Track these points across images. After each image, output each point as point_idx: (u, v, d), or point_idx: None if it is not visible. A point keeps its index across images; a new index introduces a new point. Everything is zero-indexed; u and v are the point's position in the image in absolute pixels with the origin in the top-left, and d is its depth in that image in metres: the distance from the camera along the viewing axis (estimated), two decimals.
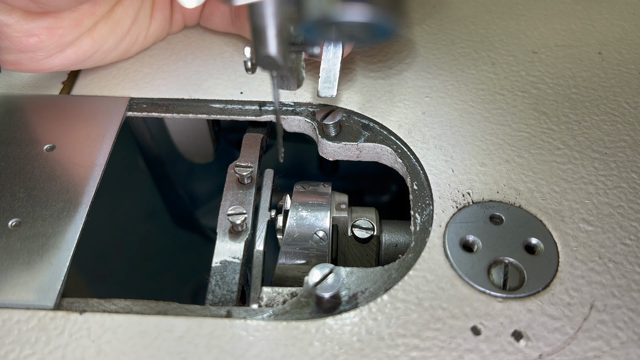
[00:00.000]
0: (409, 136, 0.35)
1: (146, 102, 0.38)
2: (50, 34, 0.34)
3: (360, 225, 0.35)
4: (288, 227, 0.34)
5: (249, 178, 0.35)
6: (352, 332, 0.27)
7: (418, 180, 0.34)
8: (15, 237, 0.30)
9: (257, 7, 0.22)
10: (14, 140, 0.35)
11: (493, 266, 0.29)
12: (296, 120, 0.38)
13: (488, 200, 0.32)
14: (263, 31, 0.23)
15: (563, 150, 0.35)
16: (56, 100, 0.38)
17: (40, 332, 0.27)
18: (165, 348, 0.27)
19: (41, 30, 0.34)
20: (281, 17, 0.22)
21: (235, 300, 0.30)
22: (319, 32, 0.20)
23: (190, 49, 0.41)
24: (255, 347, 0.27)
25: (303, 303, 0.29)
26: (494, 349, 0.27)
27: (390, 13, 0.19)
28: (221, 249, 0.32)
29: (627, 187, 0.33)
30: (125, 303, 0.29)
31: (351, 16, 0.18)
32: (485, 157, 0.34)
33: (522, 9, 0.45)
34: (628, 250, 0.30)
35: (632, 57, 0.41)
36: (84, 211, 0.32)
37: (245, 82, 0.39)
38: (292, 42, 0.25)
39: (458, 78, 0.39)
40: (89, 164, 0.34)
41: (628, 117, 0.37)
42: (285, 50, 0.24)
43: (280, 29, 0.23)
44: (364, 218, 0.35)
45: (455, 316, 0.28)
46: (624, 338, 0.27)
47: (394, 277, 0.29)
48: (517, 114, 0.37)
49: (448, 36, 0.42)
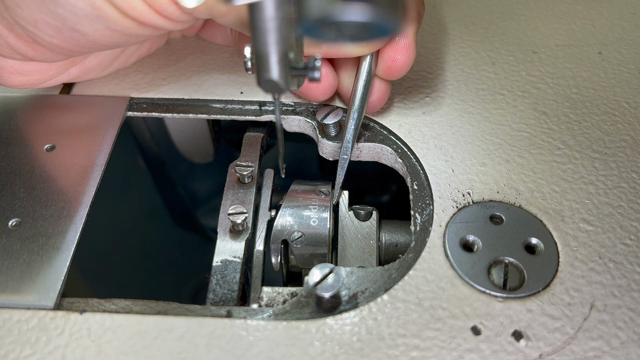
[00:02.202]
0: (409, 136, 0.35)
1: (146, 102, 0.38)
2: (41, 73, 0.34)
3: (358, 207, 0.35)
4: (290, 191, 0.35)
5: (250, 177, 0.35)
6: (352, 332, 0.27)
7: (418, 180, 0.34)
8: (15, 237, 0.30)
9: (261, 34, 0.22)
10: (14, 140, 0.35)
11: (493, 266, 0.29)
12: (296, 120, 0.38)
13: (488, 200, 0.32)
14: (266, 57, 0.23)
15: (563, 150, 0.35)
16: (56, 100, 0.38)
17: (40, 332, 0.27)
18: (165, 348, 0.27)
19: (32, 72, 0.34)
20: (284, 44, 0.22)
21: (236, 300, 0.30)
22: (319, 32, 0.20)
23: (190, 49, 0.41)
24: (255, 347, 0.27)
25: (303, 303, 0.29)
26: (494, 349, 0.27)
27: (390, 12, 0.19)
28: (222, 248, 0.32)
29: (628, 187, 0.33)
30: (125, 303, 0.29)
31: (351, 16, 0.18)
32: (486, 157, 0.34)
33: (522, 9, 0.45)
34: (628, 250, 0.30)
35: (632, 57, 0.41)
36: (84, 211, 0.32)
37: (245, 82, 0.39)
38: (294, 66, 0.25)
39: (458, 78, 0.39)
40: (89, 163, 0.34)
41: (628, 117, 0.37)
42: (287, 75, 0.24)
43: (282, 55, 0.23)
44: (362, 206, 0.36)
45: (455, 316, 0.28)
46: (624, 338, 0.27)
47: (394, 277, 0.29)
48: (517, 113, 0.37)
49: (448, 36, 0.42)
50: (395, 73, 0.32)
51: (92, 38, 0.30)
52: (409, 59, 0.32)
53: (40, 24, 0.29)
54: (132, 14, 0.28)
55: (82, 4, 0.28)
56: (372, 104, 0.35)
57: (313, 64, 0.25)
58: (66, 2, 0.27)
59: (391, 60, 0.32)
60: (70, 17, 0.28)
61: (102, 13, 0.28)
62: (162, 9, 0.28)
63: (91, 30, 0.29)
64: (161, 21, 0.29)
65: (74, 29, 0.29)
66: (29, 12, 0.28)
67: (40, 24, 0.29)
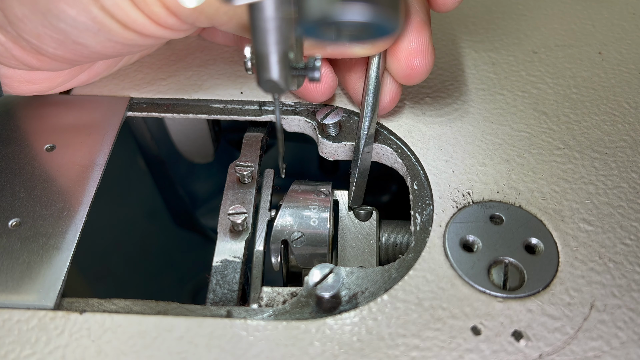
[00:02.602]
0: (409, 136, 0.35)
1: (146, 102, 0.38)
2: (50, 81, 0.35)
3: (358, 207, 0.35)
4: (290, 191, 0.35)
5: (250, 177, 0.35)
6: (352, 332, 0.27)
7: (418, 180, 0.34)
8: (15, 237, 0.30)
9: (261, 34, 0.22)
10: (14, 140, 0.35)
11: (493, 266, 0.29)
12: (296, 120, 0.38)
13: (488, 200, 0.32)
14: (266, 57, 0.23)
15: (563, 150, 0.35)
16: (56, 99, 0.38)
17: (40, 332, 0.27)
18: (165, 348, 0.27)
19: (40, 80, 0.34)
20: (284, 44, 0.22)
21: (236, 299, 0.30)
22: (319, 32, 0.20)
23: (191, 49, 0.41)
24: (255, 347, 0.27)
25: (303, 303, 0.29)
26: (494, 349, 0.27)
27: (390, 12, 0.19)
28: (222, 248, 0.32)
29: (627, 187, 0.33)
30: (125, 303, 0.29)
31: (352, 16, 0.18)
32: (486, 157, 0.34)
33: (522, 9, 0.45)
34: (628, 250, 0.30)
35: (632, 57, 0.41)
36: (84, 211, 0.32)
37: (245, 82, 0.39)
38: (294, 66, 0.25)
39: (458, 78, 0.39)
40: (89, 163, 0.34)
41: (628, 117, 0.37)
42: (287, 75, 0.24)
43: (282, 55, 0.23)
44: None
45: (455, 316, 0.28)
46: (624, 338, 0.27)
47: (394, 277, 0.29)
48: (517, 113, 0.37)
49: (448, 36, 0.42)
50: (415, 78, 0.32)
51: (95, 49, 0.30)
52: (428, 63, 0.31)
53: (44, 37, 0.29)
54: (133, 27, 0.29)
55: (83, 18, 0.28)
56: (384, 107, 0.34)
57: (313, 64, 0.25)
58: (67, 16, 0.28)
59: (409, 67, 0.31)
60: (72, 31, 0.29)
61: (104, 27, 0.28)
62: (162, 21, 0.28)
63: (93, 43, 0.30)
64: (162, 32, 0.29)
65: (76, 41, 0.29)
66: (32, 26, 0.29)
67: (44, 37, 0.29)
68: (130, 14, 0.28)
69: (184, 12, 0.28)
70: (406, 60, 0.31)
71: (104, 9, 0.27)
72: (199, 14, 0.28)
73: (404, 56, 0.31)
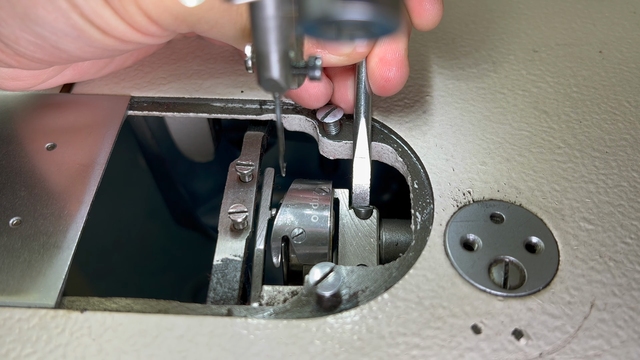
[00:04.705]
0: (409, 135, 0.35)
1: (147, 101, 0.38)
2: (34, 78, 0.34)
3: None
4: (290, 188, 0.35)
5: (250, 176, 0.35)
6: (353, 331, 0.27)
7: (418, 179, 0.34)
8: (16, 236, 0.30)
9: (261, 33, 0.22)
10: (15, 138, 0.35)
11: (493, 265, 0.29)
12: (297, 118, 0.38)
13: (489, 199, 0.32)
14: (266, 56, 0.23)
15: (564, 149, 0.35)
16: (57, 98, 0.38)
17: (41, 331, 0.27)
18: (166, 347, 0.27)
19: (25, 77, 0.34)
20: (284, 43, 0.22)
21: (236, 298, 0.30)
22: (319, 31, 0.20)
23: (191, 47, 0.41)
24: (256, 345, 0.27)
25: (304, 301, 0.29)
26: (495, 348, 0.27)
27: (391, 11, 0.19)
28: (222, 246, 0.32)
29: (628, 185, 0.33)
30: (126, 301, 0.29)
31: (353, 15, 0.18)
32: (486, 156, 0.34)
33: (522, 8, 0.45)
34: (628, 249, 0.30)
35: (632, 55, 0.41)
36: (85, 210, 0.32)
37: (245, 81, 0.39)
38: (294, 65, 0.25)
39: (459, 77, 0.39)
40: (90, 162, 0.34)
41: (629, 116, 0.37)
42: (288, 74, 0.24)
43: (283, 54, 0.23)
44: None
45: (455, 315, 0.28)
46: (625, 337, 0.27)
47: (394, 275, 0.29)
48: (518, 112, 0.37)
49: (448, 35, 0.42)
50: (389, 90, 0.32)
51: (74, 54, 0.30)
52: (402, 76, 0.31)
53: (21, 41, 0.29)
54: (113, 34, 0.28)
55: (62, 24, 0.27)
56: (383, 88, 0.33)
57: (313, 63, 0.25)
58: (46, 22, 0.27)
59: (384, 79, 0.31)
60: (51, 36, 0.28)
61: (83, 33, 0.28)
62: (143, 29, 0.28)
63: (73, 48, 0.29)
64: (143, 38, 0.29)
65: (55, 46, 0.29)
66: (9, 30, 0.28)
67: (21, 41, 0.29)
68: (110, 21, 0.27)
69: (165, 21, 0.28)
70: (380, 72, 0.31)
71: (84, 15, 0.27)
72: (180, 22, 0.28)
73: (379, 68, 0.31)
